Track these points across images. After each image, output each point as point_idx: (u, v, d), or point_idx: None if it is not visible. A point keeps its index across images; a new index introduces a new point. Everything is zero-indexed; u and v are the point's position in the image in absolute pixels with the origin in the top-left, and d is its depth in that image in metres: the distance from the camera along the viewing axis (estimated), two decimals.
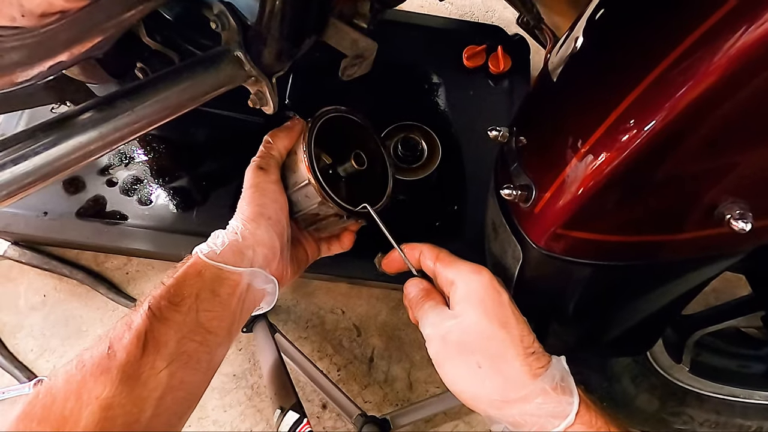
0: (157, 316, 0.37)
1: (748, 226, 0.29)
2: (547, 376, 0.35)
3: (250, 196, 0.45)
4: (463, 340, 0.37)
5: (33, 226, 0.71)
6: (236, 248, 0.42)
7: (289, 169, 0.48)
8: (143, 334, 0.36)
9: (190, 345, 0.38)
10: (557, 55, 0.39)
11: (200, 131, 0.78)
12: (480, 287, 0.39)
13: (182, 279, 0.40)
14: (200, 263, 0.41)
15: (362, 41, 0.45)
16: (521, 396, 0.35)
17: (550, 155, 0.36)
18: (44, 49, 0.24)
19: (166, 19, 0.53)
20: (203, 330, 0.39)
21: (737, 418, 0.69)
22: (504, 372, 0.36)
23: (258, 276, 0.43)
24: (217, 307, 0.40)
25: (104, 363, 0.35)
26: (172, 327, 0.38)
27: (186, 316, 0.39)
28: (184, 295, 0.39)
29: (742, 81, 0.26)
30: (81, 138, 0.31)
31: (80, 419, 0.33)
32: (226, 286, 0.41)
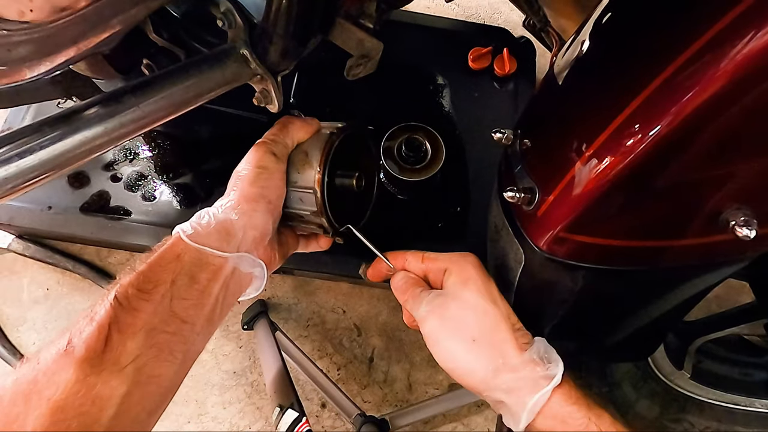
0: (123, 306, 0.34)
1: (753, 233, 0.29)
2: (532, 349, 0.38)
3: (255, 176, 0.43)
4: (459, 316, 0.40)
5: (37, 220, 0.71)
6: (225, 229, 0.39)
7: (293, 164, 0.47)
8: (106, 326, 0.33)
9: (162, 337, 0.35)
10: (563, 58, 0.39)
11: (205, 128, 0.78)
12: (471, 269, 0.42)
13: (156, 264, 0.37)
14: (180, 245, 0.38)
15: (368, 41, 0.45)
16: (511, 366, 0.38)
17: (554, 158, 0.36)
18: (52, 44, 0.24)
19: (173, 16, 0.53)
20: (177, 320, 0.36)
21: (738, 426, 0.69)
22: (497, 344, 0.38)
23: (245, 260, 0.41)
24: (195, 295, 0.37)
25: (60, 360, 0.31)
26: (140, 318, 0.34)
27: (158, 306, 0.35)
28: (158, 281, 0.36)
29: (749, 87, 0.25)
30: (87, 133, 0.31)
31: (26, 424, 0.29)
32: (206, 271, 0.38)
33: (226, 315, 0.42)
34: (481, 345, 0.38)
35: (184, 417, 0.81)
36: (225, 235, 0.39)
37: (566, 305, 0.42)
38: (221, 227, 0.39)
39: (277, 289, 0.90)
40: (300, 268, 0.75)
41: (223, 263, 0.39)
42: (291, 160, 0.47)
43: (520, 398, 0.37)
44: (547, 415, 0.36)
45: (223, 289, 0.39)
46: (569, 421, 0.35)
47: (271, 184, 0.43)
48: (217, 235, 0.39)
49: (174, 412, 0.81)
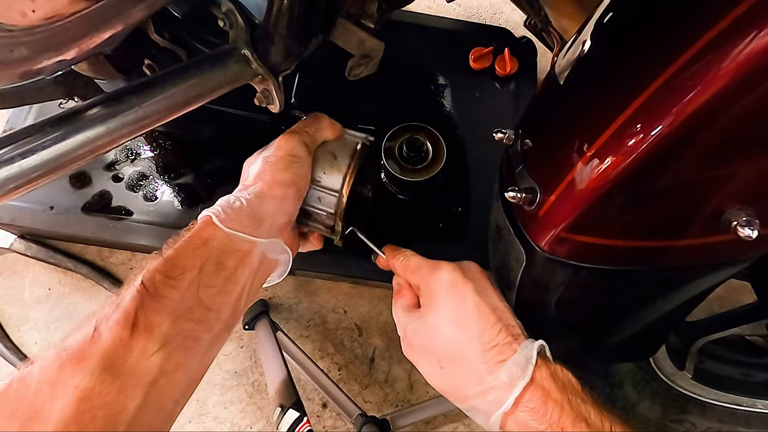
0: (150, 293, 0.33)
1: (755, 234, 0.29)
2: (503, 370, 0.35)
3: (288, 163, 0.42)
4: (424, 343, 0.39)
5: (39, 220, 0.72)
6: (255, 214, 0.39)
7: (318, 162, 0.47)
8: (133, 313, 0.32)
9: (188, 325, 0.34)
10: (564, 58, 0.39)
11: (206, 128, 0.78)
12: (439, 288, 0.40)
13: (184, 249, 0.36)
14: (208, 230, 0.37)
15: (369, 41, 0.45)
16: (478, 392, 0.36)
17: (555, 158, 0.36)
18: (53, 44, 0.24)
19: (175, 16, 0.54)
20: (203, 308, 0.35)
21: (740, 426, 0.69)
22: (463, 370, 0.37)
23: (275, 246, 0.40)
24: (221, 282, 0.36)
25: (86, 348, 0.31)
26: (167, 305, 0.34)
27: (185, 293, 0.34)
28: (185, 268, 0.35)
29: (750, 87, 0.25)
30: (88, 133, 0.31)
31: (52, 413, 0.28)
32: (233, 257, 0.37)
33: (252, 302, 0.41)
34: (448, 372, 0.38)
35: (185, 417, 0.81)
36: (256, 220, 0.39)
37: (568, 305, 0.42)
38: (252, 212, 0.39)
39: (278, 289, 0.90)
40: (301, 268, 0.75)
41: (251, 249, 0.38)
42: (316, 158, 0.47)
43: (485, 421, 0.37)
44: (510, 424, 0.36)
45: (251, 275, 0.39)
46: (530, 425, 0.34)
47: (302, 172, 0.43)
48: (248, 220, 0.38)
49: None
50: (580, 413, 0.34)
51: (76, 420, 0.29)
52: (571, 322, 0.45)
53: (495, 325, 0.38)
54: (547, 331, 0.42)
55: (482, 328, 0.38)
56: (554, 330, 0.45)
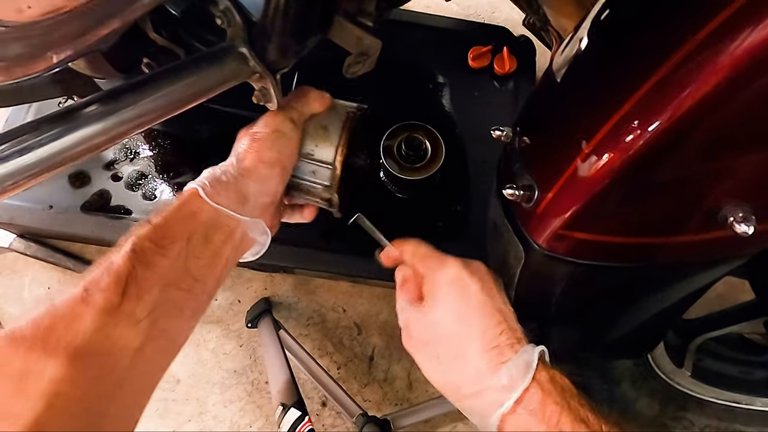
0: (141, 260, 0.33)
1: (751, 230, 0.29)
2: (503, 372, 0.35)
3: (274, 139, 0.42)
4: (424, 338, 0.39)
5: (38, 219, 0.72)
6: (241, 192, 0.39)
7: (309, 135, 0.46)
8: (124, 278, 0.32)
9: (176, 293, 0.35)
10: (561, 55, 0.39)
11: (205, 127, 0.78)
12: (444, 283, 0.40)
13: (173, 219, 0.36)
14: (196, 202, 0.37)
15: (366, 39, 0.45)
16: (475, 391, 0.36)
17: (553, 155, 0.36)
18: (49, 41, 0.24)
19: (173, 14, 0.53)
20: (190, 278, 0.36)
21: (738, 424, 0.69)
22: (462, 368, 0.37)
23: (257, 226, 0.41)
24: (208, 255, 0.37)
25: (78, 308, 0.31)
26: (156, 272, 0.34)
27: (174, 262, 0.35)
28: (175, 237, 0.35)
29: (747, 82, 0.25)
30: (85, 131, 0.31)
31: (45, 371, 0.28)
32: (220, 232, 0.38)
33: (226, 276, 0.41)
34: (447, 368, 0.38)
35: (185, 416, 0.81)
36: (241, 198, 0.39)
37: (566, 302, 0.42)
38: (238, 189, 0.39)
39: (277, 288, 0.90)
40: (300, 267, 0.75)
41: (235, 226, 0.38)
42: (306, 131, 0.46)
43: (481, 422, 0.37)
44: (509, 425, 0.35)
45: (233, 251, 0.39)
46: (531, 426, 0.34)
47: (288, 150, 0.43)
48: (234, 196, 0.38)
49: (174, 410, 0.81)
50: (578, 415, 0.34)
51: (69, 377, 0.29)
52: (570, 319, 0.45)
53: (498, 326, 0.37)
54: (545, 328, 0.42)
55: (485, 327, 0.37)
56: (553, 327, 0.45)
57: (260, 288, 0.90)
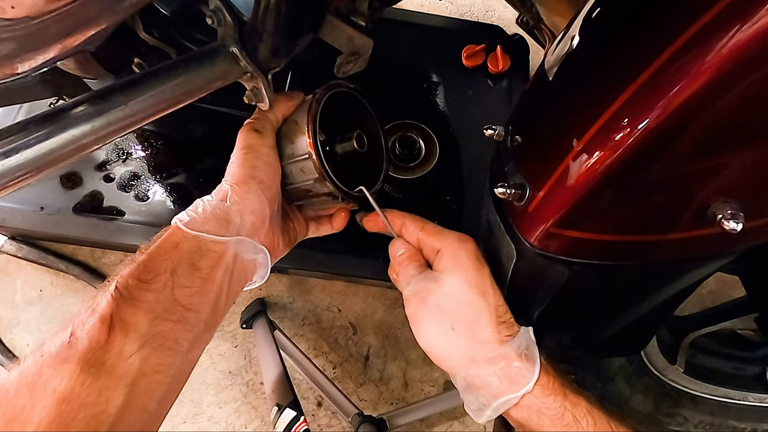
0: (125, 297, 0.34)
1: (740, 227, 0.29)
2: (513, 343, 0.38)
3: (242, 157, 0.42)
4: (441, 303, 0.40)
5: (30, 221, 0.71)
6: (221, 215, 0.39)
7: (285, 137, 0.45)
8: (108, 316, 0.33)
9: (165, 325, 0.35)
10: (553, 54, 0.39)
11: (197, 128, 0.78)
12: (465, 256, 0.41)
13: (155, 254, 0.36)
14: (178, 234, 0.38)
15: (358, 38, 0.45)
16: (488, 358, 0.38)
17: (544, 154, 0.36)
18: (36, 41, 0.24)
19: (163, 14, 0.53)
20: (181, 308, 0.36)
21: (731, 419, 0.69)
22: (475, 335, 0.38)
23: (245, 245, 0.40)
24: (197, 282, 0.37)
25: (64, 352, 0.31)
26: (142, 307, 0.34)
27: (159, 295, 0.35)
28: (158, 271, 0.36)
29: (735, 80, 0.26)
30: (74, 131, 0.31)
31: (32, 416, 0.29)
32: (207, 258, 0.38)
33: (231, 303, 0.41)
34: (460, 334, 0.39)
35: (180, 417, 0.81)
36: (223, 221, 0.39)
37: (558, 300, 0.42)
38: (218, 213, 0.39)
39: (272, 288, 0.89)
40: (295, 267, 0.74)
41: (223, 250, 0.38)
42: (282, 133, 0.45)
43: (489, 393, 0.37)
44: (522, 405, 0.37)
45: (227, 276, 0.39)
46: (544, 411, 0.36)
47: (260, 162, 0.42)
48: (214, 221, 0.39)
49: (170, 412, 0.81)
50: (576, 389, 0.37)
51: (57, 421, 0.29)
52: (562, 317, 0.45)
53: (504, 304, 0.40)
54: (538, 326, 0.42)
55: (497, 302, 0.40)
56: (545, 325, 0.45)
57: (255, 289, 0.89)
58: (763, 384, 0.68)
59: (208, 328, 0.39)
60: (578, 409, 0.36)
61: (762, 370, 0.68)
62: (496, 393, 0.37)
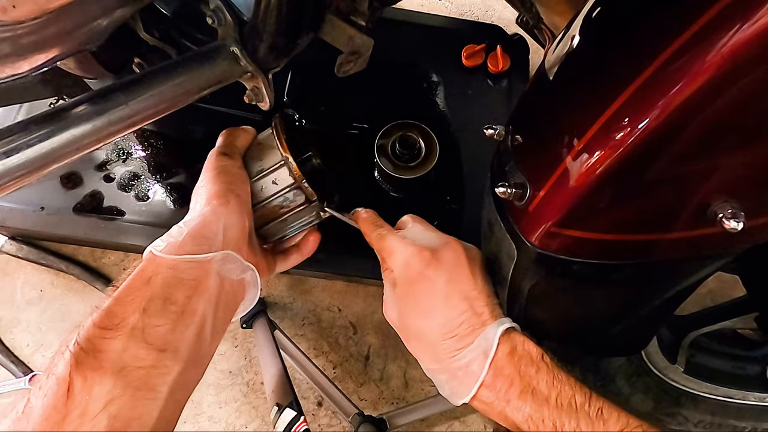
0: (86, 351, 0.31)
1: (740, 226, 0.29)
2: (456, 359, 0.38)
3: (215, 176, 0.42)
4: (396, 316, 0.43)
5: (30, 221, 0.71)
6: (200, 234, 0.37)
7: (251, 159, 0.47)
8: (67, 377, 0.30)
9: (137, 374, 0.32)
10: (553, 53, 0.39)
11: (198, 127, 0.78)
12: (403, 272, 0.41)
13: (124, 295, 0.34)
14: (150, 268, 0.35)
15: (358, 38, 0.45)
16: (436, 369, 0.40)
17: (544, 153, 0.36)
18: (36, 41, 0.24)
19: (164, 14, 0.53)
20: (154, 351, 0.32)
21: (732, 419, 0.69)
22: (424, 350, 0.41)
23: (231, 261, 0.37)
24: (172, 318, 0.34)
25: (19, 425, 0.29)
26: (106, 359, 0.31)
27: (127, 341, 0.32)
28: (125, 314, 0.33)
29: (736, 79, 0.26)
30: (74, 131, 0.31)
31: None
32: (183, 288, 0.34)
33: (222, 333, 0.38)
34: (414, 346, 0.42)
35: (180, 417, 0.81)
36: (202, 240, 0.37)
37: (558, 299, 0.42)
38: (195, 233, 0.37)
39: (272, 288, 0.89)
40: (295, 268, 0.74)
41: (202, 276, 0.35)
42: (248, 157, 0.47)
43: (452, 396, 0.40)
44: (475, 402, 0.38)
45: (210, 304, 0.36)
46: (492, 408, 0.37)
47: (234, 178, 0.43)
48: (192, 242, 0.36)
49: None
50: (528, 384, 0.35)
51: None
52: (563, 316, 0.45)
53: (460, 316, 0.39)
54: (538, 325, 0.42)
55: (446, 319, 0.39)
56: (545, 325, 0.45)
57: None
58: (763, 383, 0.68)
59: (194, 366, 0.36)
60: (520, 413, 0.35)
61: (762, 369, 0.68)
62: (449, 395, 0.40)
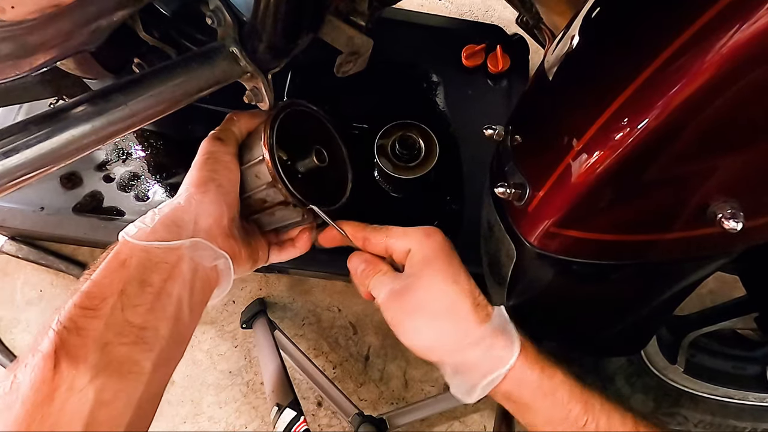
0: (69, 329, 0.32)
1: (740, 226, 0.29)
2: (491, 323, 0.39)
3: (202, 162, 0.42)
4: (419, 298, 0.40)
5: (30, 221, 0.71)
6: (172, 221, 0.37)
7: (246, 147, 0.45)
8: (52, 354, 0.31)
9: (120, 350, 0.33)
10: (553, 53, 0.39)
11: (197, 127, 0.78)
12: (433, 249, 0.41)
13: (101, 278, 0.35)
14: (124, 251, 0.35)
15: (358, 38, 0.45)
16: (472, 340, 0.38)
17: (544, 153, 0.36)
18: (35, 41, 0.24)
19: (163, 14, 0.53)
20: (135, 328, 0.34)
21: (731, 419, 0.69)
22: (457, 322, 0.39)
23: (202, 249, 0.38)
24: (149, 299, 0.35)
25: (7, 399, 0.30)
26: (89, 336, 0.32)
27: (108, 319, 0.33)
28: (104, 295, 0.34)
29: (734, 79, 0.26)
30: (74, 131, 0.31)
31: None
32: (158, 271, 0.36)
33: (198, 315, 0.40)
34: (442, 322, 0.39)
35: (180, 417, 0.81)
36: (173, 227, 0.37)
37: (558, 300, 0.42)
38: (168, 220, 0.37)
39: (272, 289, 0.89)
40: (295, 268, 0.74)
41: (177, 260, 0.37)
42: (244, 144, 0.46)
43: (477, 373, 0.38)
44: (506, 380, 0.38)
45: (185, 287, 0.37)
46: (525, 382, 0.37)
47: (220, 167, 0.42)
48: (163, 229, 0.37)
49: (170, 412, 0.81)
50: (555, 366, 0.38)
51: None
52: (562, 316, 0.45)
53: (477, 288, 0.41)
54: (538, 325, 0.42)
55: (470, 287, 0.40)
56: (545, 325, 0.45)
57: (255, 289, 0.89)
58: (763, 383, 0.68)
59: (175, 344, 0.37)
60: (554, 380, 0.37)
61: (762, 369, 0.68)
62: (484, 372, 0.38)
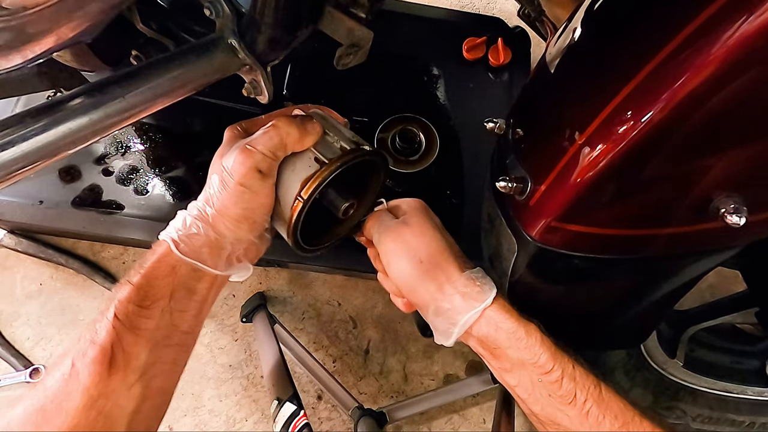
0: (125, 325, 0.34)
1: (742, 221, 0.29)
2: (471, 272, 0.41)
3: (239, 195, 0.38)
4: (409, 241, 0.43)
5: (29, 215, 0.71)
6: (214, 243, 0.39)
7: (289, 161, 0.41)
8: (109, 348, 0.33)
9: (166, 351, 0.36)
10: (555, 46, 0.38)
11: (196, 121, 0.77)
12: (425, 208, 0.46)
13: (152, 276, 0.36)
14: (172, 257, 0.37)
15: (358, 30, 0.44)
16: (452, 285, 0.40)
17: (546, 147, 0.36)
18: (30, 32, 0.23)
19: (161, 6, 0.53)
20: (179, 332, 0.37)
21: (730, 413, 0.70)
22: (441, 266, 0.41)
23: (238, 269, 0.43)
24: (195, 306, 0.38)
25: (66, 387, 0.32)
26: (143, 336, 0.35)
27: (159, 321, 0.36)
28: (156, 296, 0.36)
29: (740, 72, 0.25)
30: (71, 124, 0.31)
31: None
32: (204, 281, 0.39)
33: None
34: (428, 265, 0.41)
35: (181, 410, 0.81)
36: (216, 249, 0.39)
37: (559, 294, 0.42)
38: (210, 241, 0.39)
39: (272, 282, 0.89)
40: (295, 261, 0.74)
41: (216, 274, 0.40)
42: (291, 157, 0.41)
43: (455, 311, 0.40)
44: (482, 321, 0.39)
45: (216, 292, 0.41)
46: (501, 326, 0.39)
47: (255, 205, 0.39)
48: (208, 249, 0.39)
49: (170, 405, 0.81)
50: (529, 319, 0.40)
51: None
52: (563, 310, 0.45)
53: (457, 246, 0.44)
54: (539, 318, 0.42)
55: (452, 242, 0.44)
56: (546, 318, 0.45)
57: (255, 282, 0.89)
58: (762, 378, 0.68)
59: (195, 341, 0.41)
60: (529, 328, 0.38)
61: (761, 364, 0.69)
62: (461, 310, 0.39)
